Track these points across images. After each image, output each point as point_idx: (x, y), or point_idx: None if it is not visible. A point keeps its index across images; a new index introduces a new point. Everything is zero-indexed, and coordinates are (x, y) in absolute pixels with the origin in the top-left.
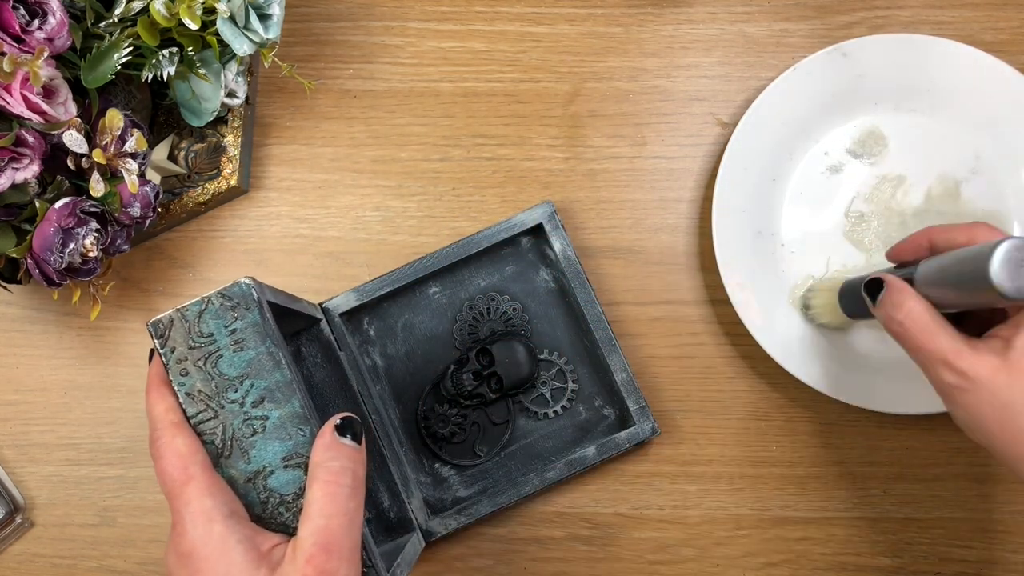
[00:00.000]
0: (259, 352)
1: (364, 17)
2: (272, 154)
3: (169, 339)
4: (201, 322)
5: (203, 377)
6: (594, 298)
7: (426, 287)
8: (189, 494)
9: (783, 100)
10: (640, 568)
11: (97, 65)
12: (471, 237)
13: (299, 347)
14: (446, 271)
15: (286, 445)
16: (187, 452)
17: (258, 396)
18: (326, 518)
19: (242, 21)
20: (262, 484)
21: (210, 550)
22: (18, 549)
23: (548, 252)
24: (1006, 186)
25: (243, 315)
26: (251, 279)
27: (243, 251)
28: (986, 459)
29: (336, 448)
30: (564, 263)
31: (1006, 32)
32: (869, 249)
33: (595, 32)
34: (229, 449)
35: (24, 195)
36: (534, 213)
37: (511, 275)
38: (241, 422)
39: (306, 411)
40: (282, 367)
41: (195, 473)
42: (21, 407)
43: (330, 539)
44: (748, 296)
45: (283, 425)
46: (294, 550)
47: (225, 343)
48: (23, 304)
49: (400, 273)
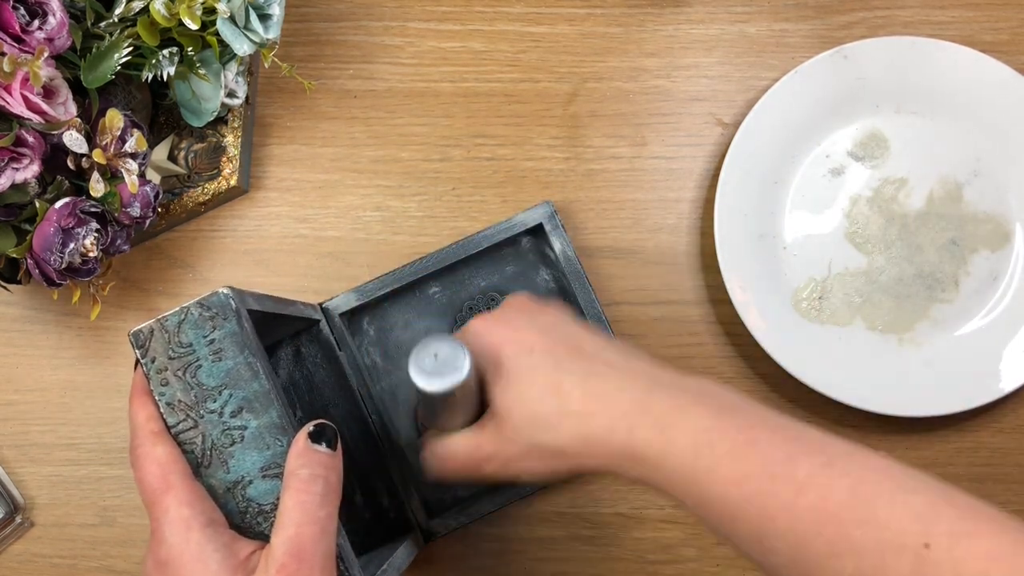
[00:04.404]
0: (237, 362)
1: (364, 17)
2: (272, 154)
3: (150, 349)
4: (180, 332)
5: (183, 387)
6: (594, 298)
7: (426, 287)
8: (167, 502)
9: (784, 103)
10: (640, 568)
11: (97, 65)
12: (471, 237)
13: (299, 347)
14: (446, 271)
15: (264, 455)
16: (166, 461)
17: (236, 406)
18: (296, 526)
19: (242, 21)
20: (241, 494)
21: (187, 557)
22: (18, 549)
23: (548, 252)
24: (1008, 188)
25: (221, 325)
26: (230, 289)
27: (243, 251)
28: (987, 459)
29: (308, 455)
30: (564, 263)
31: (1006, 32)
32: (871, 252)
33: (595, 32)
34: (209, 459)
35: (24, 195)
36: (534, 213)
37: (511, 275)
38: (220, 432)
39: (283, 421)
40: (260, 377)
41: (174, 482)
42: (21, 407)
43: (301, 547)
44: (749, 298)
45: (261, 435)
46: (266, 559)
47: (204, 353)
48: (23, 304)
49: (400, 273)
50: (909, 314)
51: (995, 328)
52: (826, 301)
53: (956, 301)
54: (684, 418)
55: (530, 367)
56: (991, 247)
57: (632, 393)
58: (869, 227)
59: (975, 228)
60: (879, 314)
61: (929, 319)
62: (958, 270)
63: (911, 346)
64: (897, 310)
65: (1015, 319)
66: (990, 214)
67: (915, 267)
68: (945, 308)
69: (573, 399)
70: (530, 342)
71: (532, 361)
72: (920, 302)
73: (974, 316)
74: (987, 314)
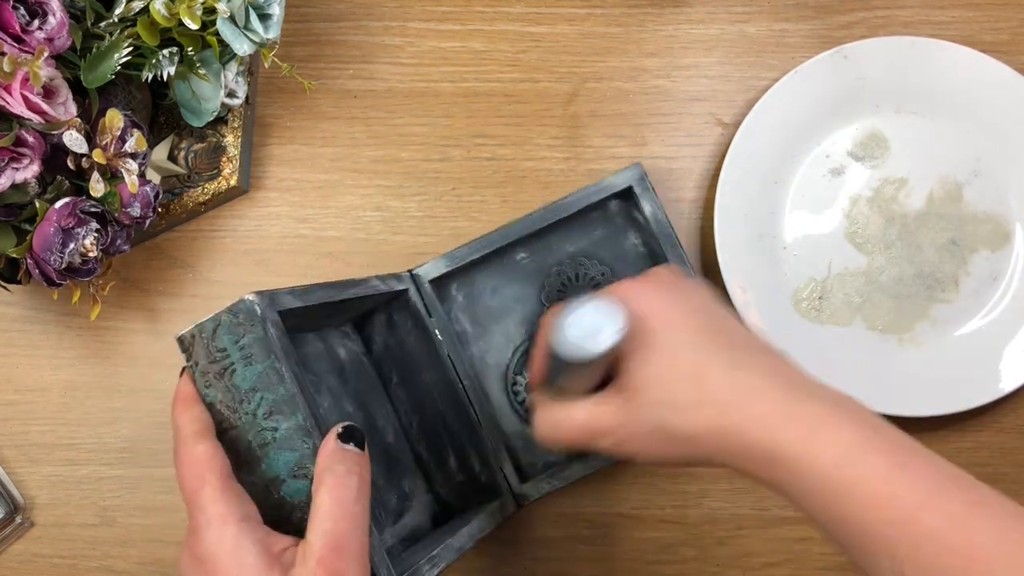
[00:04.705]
0: (265, 366)
1: (364, 17)
2: (272, 154)
3: (193, 353)
4: (216, 337)
5: (223, 389)
6: (687, 262)
7: (514, 253)
8: (204, 499)
9: (784, 103)
10: (640, 568)
11: (97, 65)
12: (559, 201)
13: (391, 314)
14: (534, 236)
15: (294, 455)
16: (205, 459)
17: (267, 409)
18: (333, 520)
19: (242, 21)
20: (277, 492)
21: (223, 552)
22: (18, 549)
23: (637, 216)
24: (1008, 188)
25: (249, 331)
26: (255, 295)
27: (243, 251)
28: (987, 459)
29: (340, 454)
30: (656, 226)
31: (1006, 32)
32: (871, 252)
33: (595, 32)
34: (247, 458)
35: (24, 195)
36: (624, 176)
37: (599, 239)
38: (256, 433)
39: (308, 424)
40: (285, 381)
41: (210, 480)
42: (21, 407)
43: (339, 540)
44: (749, 298)
45: (290, 437)
46: (304, 553)
47: (237, 357)
48: (23, 304)
49: (488, 239)
50: (909, 314)
51: (995, 328)
52: (826, 301)
53: (956, 301)
54: (831, 429)
55: (675, 346)
56: (991, 247)
57: (778, 393)
58: (869, 227)
59: (975, 228)
60: (879, 314)
61: (929, 319)
62: (958, 270)
63: (911, 346)
64: (897, 310)
65: (1015, 319)
66: (990, 214)
67: (915, 267)
68: (945, 308)
69: (716, 387)
70: (679, 319)
71: (679, 339)
72: (920, 302)
73: (974, 316)
74: (987, 314)
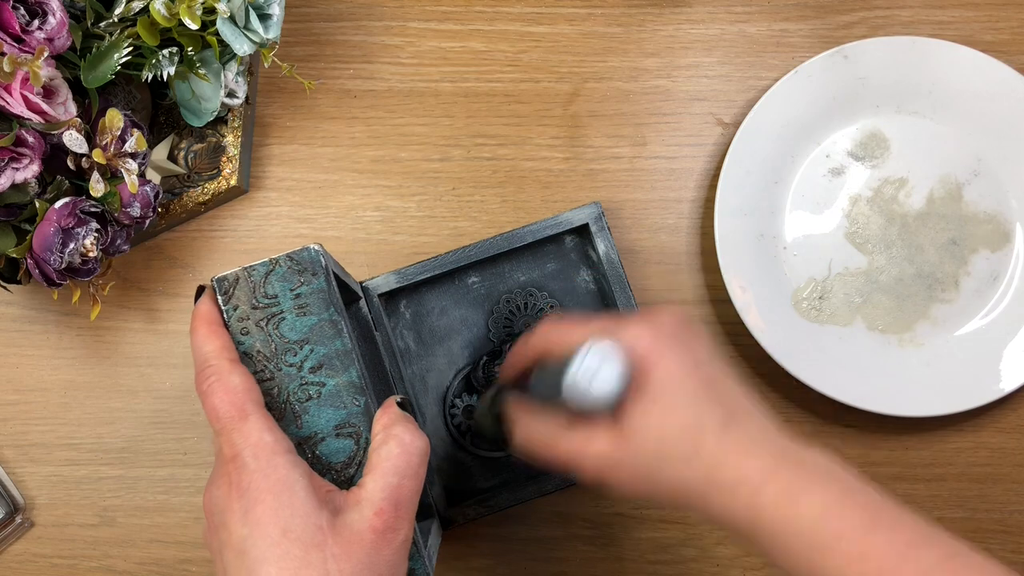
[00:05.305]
0: (321, 319)
1: (364, 17)
2: (272, 154)
3: (233, 297)
4: (267, 283)
5: (263, 338)
6: (634, 304)
7: (466, 276)
8: (249, 428)
9: (784, 103)
10: (640, 568)
11: (97, 65)
12: (516, 231)
13: None
14: (488, 262)
15: (340, 413)
16: (243, 389)
17: (316, 362)
18: (400, 477)
19: (242, 21)
20: (311, 450)
21: (271, 482)
22: (18, 549)
23: (591, 253)
24: (1008, 188)
25: (309, 280)
26: (320, 246)
27: (243, 251)
28: (987, 459)
29: (408, 421)
30: (607, 266)
31: (1006, 32)
32: (871, 252)
33: (595, 32)
34: (281, 412)
35: (24, 195)
36: (581, 213)
37: (552, 272)
38: (297, 386)
39: (362, 382)
40: (343, 336)
41: (252, 410)
42: (21, 407)
43: (400, 498)
44: (749, 298)
45: (339, 394)
46: (359, 500)
47: (289, 306)
48: (23, 304)
49: (442, 260)
50: (909, 314)
51: (995, 328)
52: (826, 301)
53: (956, 301)
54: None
55: (676, 396)
56: (991, 247)
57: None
58: (869, 227)
59: (975, 228)
60: (879, 314)
61: (929, 319)
62: (958, 270)
63: (911, 346)
64: (897, 310)
65: (1015, 319)
66: (990, 214)
67: (915, 267)
68: (945, 308)
69: (708, 443)
70: (684, 375)
71: (681, 390)
72: (920, 302)
73: (974, 316)
74: (987, 314)
